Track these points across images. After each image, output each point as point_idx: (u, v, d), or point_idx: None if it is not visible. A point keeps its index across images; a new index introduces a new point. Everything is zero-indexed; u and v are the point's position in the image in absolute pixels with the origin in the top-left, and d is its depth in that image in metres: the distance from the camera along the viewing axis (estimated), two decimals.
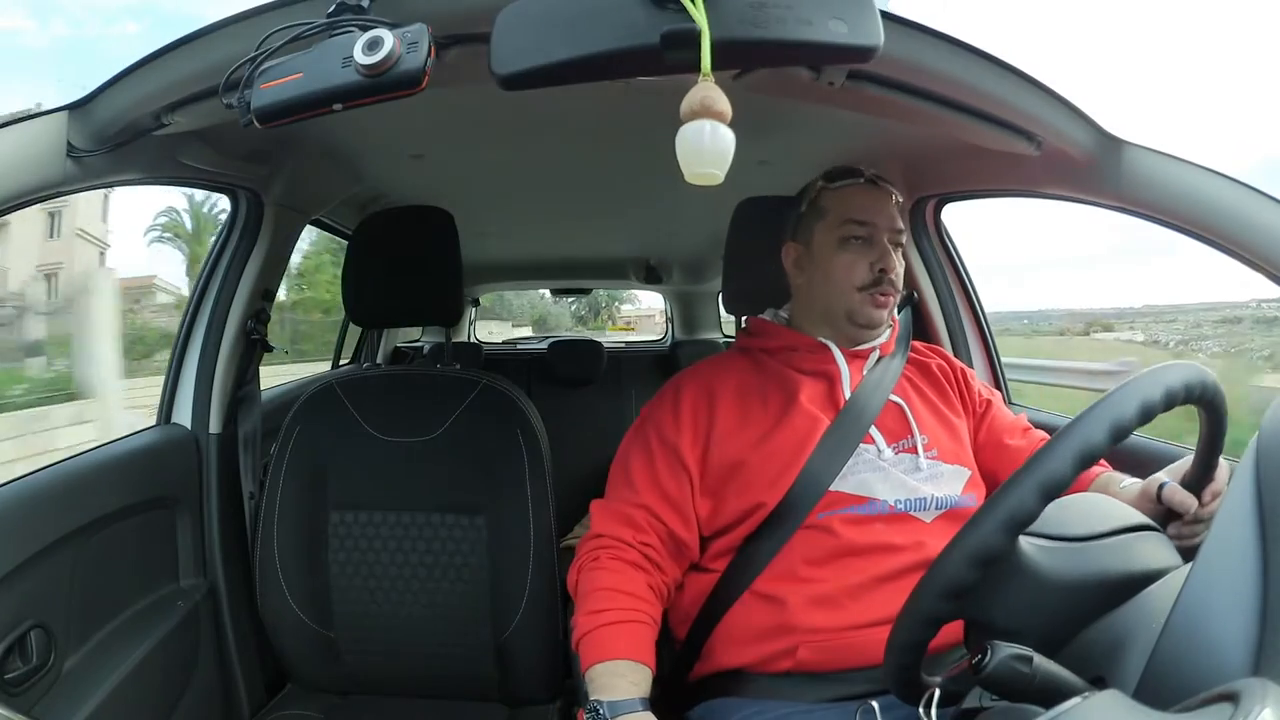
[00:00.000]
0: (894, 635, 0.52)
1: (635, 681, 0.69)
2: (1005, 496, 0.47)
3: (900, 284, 0.88)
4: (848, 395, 0.84)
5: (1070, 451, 0.46)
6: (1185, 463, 0.67)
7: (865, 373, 0.86)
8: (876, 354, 0.89)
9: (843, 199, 0.87)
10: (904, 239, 0.88)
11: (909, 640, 0.50)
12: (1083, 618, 0.50)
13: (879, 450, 0.81)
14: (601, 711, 0.65)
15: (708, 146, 0.45)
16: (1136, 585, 0.50)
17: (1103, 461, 0.84)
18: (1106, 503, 0.58)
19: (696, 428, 0.84)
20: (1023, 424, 0.93)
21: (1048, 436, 0.60)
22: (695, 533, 0.83)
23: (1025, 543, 0.50)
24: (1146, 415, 0.48)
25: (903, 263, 0.88)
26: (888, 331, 0.92)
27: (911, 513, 0.78)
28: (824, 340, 0.88)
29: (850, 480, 0.79)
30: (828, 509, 0.77)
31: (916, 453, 0.82)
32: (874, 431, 0.82)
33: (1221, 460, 0.63)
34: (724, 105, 0.45)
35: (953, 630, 0.53)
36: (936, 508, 0.79)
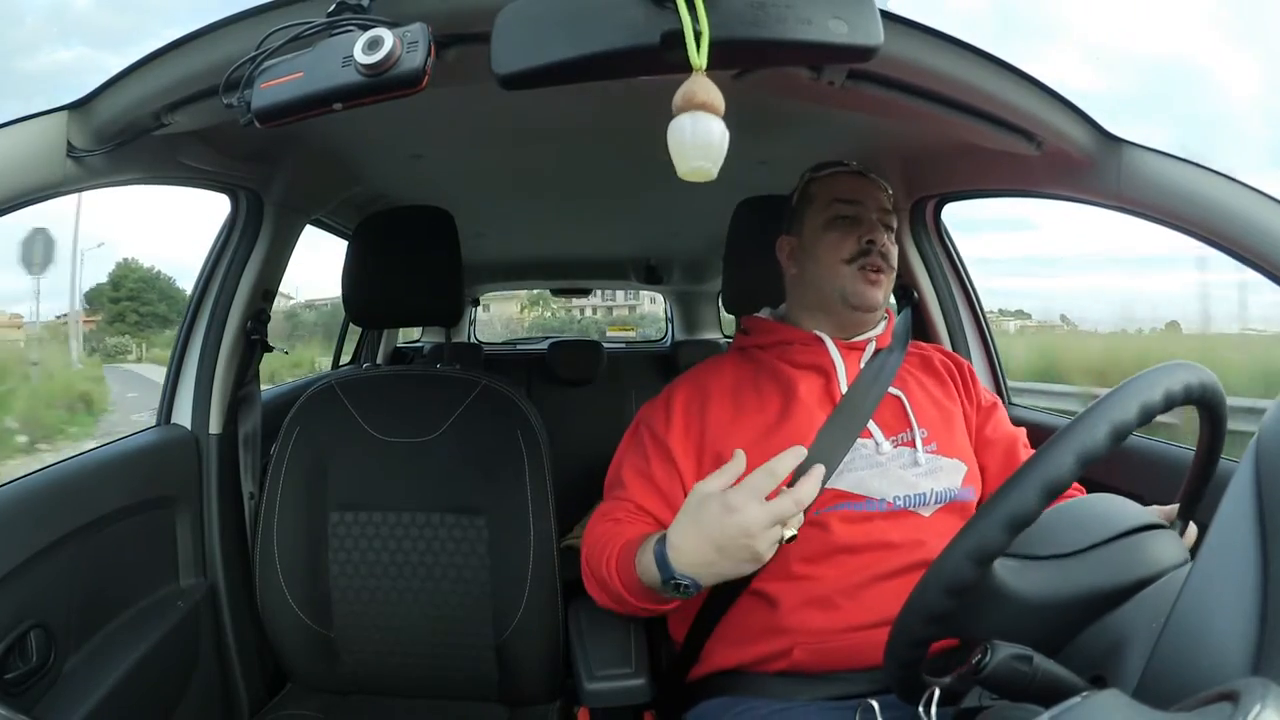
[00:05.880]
0: (894, 632, 0.52)
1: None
2: (1005, 496, 0.47)
3: (894, 263, 0.87)
4: (844, 389, 0.83)
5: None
6: (1172, 509, 0.64)
7: (862, 365, 0.86)
8: (873, 346, 0.88)
9: (830, 184, 0.89)
10: (893, 222, 0.88)
11: (909, 638, 0.50)
12: (1069, 628, 0.50)
13: (877, 444, 0.81)
14: (680, 581, 0.65)
15: (700, 140, 0.44)
16: (1126, 592, 0.50)
17: (1077, 485, 0.84)
18: (1101, 508, 0.56)
19: (689, 425, 0.84)
20: (1022, 433, 0.92)
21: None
22: None
23: (996, 564, 0.49)
24: (1146, 416, 0.48)
25: (895, 247, 0.88)
26: (883, 323, 0.91)
27: (910, 508, 0.78)
28: (818, 333, 0.88)
29: (847, 478, 0.78)
30: (824, 505, 0.76)
31: (915, 446, 0.81)
32: (872, 425, 0.81)
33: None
34: (709, 96, 0.44)
35: None
36: (936, 501, 0.78)
